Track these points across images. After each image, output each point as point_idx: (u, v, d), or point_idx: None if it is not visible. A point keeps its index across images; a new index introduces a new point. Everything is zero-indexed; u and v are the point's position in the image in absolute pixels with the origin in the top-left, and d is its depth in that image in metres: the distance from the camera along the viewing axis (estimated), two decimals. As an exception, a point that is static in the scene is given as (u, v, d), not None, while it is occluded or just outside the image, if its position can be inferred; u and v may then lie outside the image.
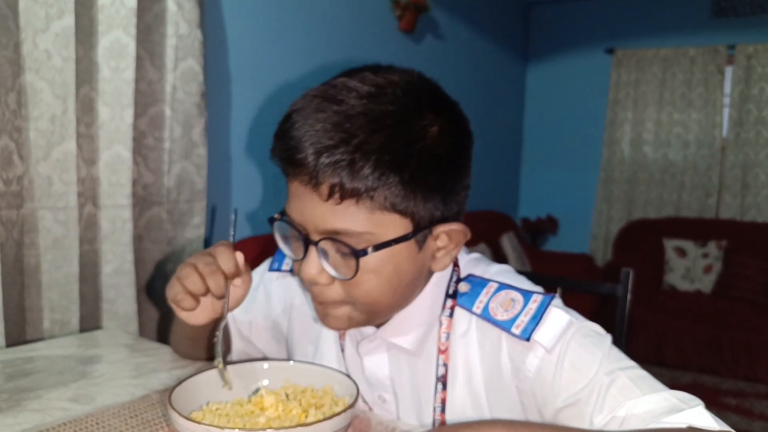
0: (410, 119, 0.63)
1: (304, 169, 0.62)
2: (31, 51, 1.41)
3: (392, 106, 0.63)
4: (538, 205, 4.60)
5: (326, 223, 0.64)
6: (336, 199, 0.62)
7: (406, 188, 0.63)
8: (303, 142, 0.62)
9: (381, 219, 0.64)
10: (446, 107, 0.69)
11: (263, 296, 0.92)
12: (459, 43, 3.62)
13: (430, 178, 0.65)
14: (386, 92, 0.64)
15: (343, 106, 0.62)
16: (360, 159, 0.60)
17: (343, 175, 0.61)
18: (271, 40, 2.29)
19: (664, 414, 0.60)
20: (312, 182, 0.62)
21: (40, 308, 1.50)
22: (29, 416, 0.72)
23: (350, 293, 0.67)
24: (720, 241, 3.73)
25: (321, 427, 0.56)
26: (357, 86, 0.64)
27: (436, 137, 0.65)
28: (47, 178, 1.47)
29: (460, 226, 0.70)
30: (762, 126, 3.92)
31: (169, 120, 1.74)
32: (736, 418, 2.82)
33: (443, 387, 0.73)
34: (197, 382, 0.68)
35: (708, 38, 4.02)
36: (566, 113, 4.54)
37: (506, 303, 0.71)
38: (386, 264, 0.66)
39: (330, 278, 0.67)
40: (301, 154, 0.62)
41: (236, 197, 2.20)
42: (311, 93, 0.65)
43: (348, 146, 0.60)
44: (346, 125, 0.61)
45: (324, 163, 0.61)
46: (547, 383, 0.67)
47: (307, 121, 0.62)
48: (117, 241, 1.64)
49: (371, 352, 0.78)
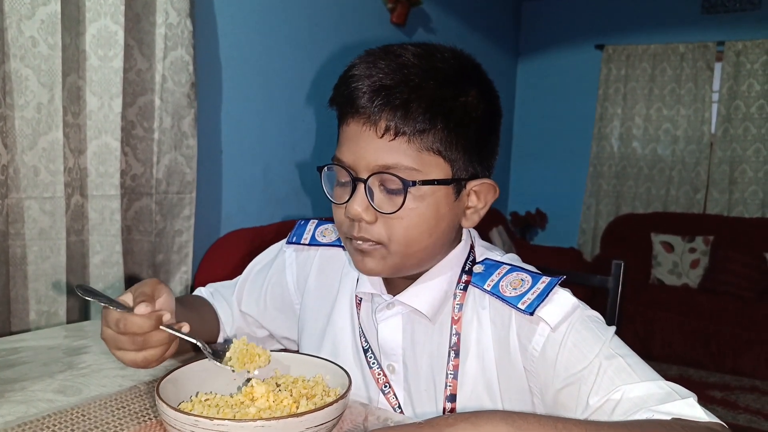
0: (457, 78, 0.71)
1: (363, 109, 0.68)
2: (16, 37, 1.39)
3: (441, 64, 0.71)
4: (527, 199, 4.61)
5: (378, 158, 0.69)
6: (390, 136, 0.68)
7: (450, 135, 0.70)
8: (364, 84, 0.68)
9: (427, 159, 0.69)
10: (484, 80, 0.76)
11: (276, 271, 0.94)
12: (450, 38, 3.61)
13: (470, 132, 0.71)
14: (436, 55, 0.71)
15: (400, 59, 0.70)
16: (414, 100, 0.67)
17: (398, 114, 0.67)
18: (262, 31, 2.27)
19: (657, 401, 0.62)
20: (369, 120, 0.68)
21: (26, 299, 1.48)
22: (13, 408, 0.71)
23: (392, 230, 0.71)
24: (707, 236, 3.77)
25: (312, 418, 0.56)
26: (411, 48, 0.72)
27: (476, 98, 0.72)
28: (33, 168, 1.45)
29: (490, 180, 0.76)
30: (750, 122, 3.95)
31: (158, 110, 1.72)
32: (721, 410, 2.85)
33: (456, 355, 0.76)
34: (186, 373, 0.68)
35: (697, 35, 4.04)
36: (556, 108, 4.55)
37: (516, 282, 0.74)
38: (427, 202, 0.70)
39: (374, 215, 0.71)
40: (362, 93, 0.68)
41: (226, 189, 2.18)
42: (370, 51, 0.73)
43: (405, 87, 0.68)
44: (404, 71, 0.68)
45: (382, 102, 0.67)
46: (549, 362, 0.69)
47: (368, 68, 0.69)
48: (105, 232, 1.62)
49: (387, 320, 0.80)
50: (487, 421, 0.52)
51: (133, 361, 0.70)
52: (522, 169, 4.74)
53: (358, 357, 0.83)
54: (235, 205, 2.23)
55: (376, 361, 0.81)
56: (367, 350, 0.82)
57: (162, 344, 0.70)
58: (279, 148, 2.42)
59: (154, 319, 0.69)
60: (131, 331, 0.68)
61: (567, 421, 0.55)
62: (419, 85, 0.68)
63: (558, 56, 4.53)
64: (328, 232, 0.92)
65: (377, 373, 0.80)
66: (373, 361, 0.81)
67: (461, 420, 0.52)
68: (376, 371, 0.80)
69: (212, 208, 2.14)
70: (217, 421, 0.54)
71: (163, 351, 0.71)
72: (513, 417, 0.53)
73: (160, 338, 0.69)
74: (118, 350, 0.70)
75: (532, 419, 0.54)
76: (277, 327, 0.96)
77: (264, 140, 2.35)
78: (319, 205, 2.59)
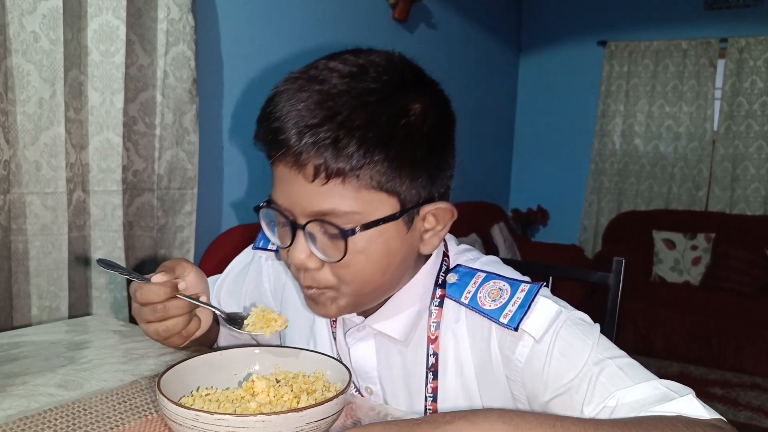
0: (393, 96, 0.63)
1: (287, 151, 0.61)
2: (18, 33, 1.39)
3: (375, 84, 0.62)
4: (528, 196, 4.61)
5: (312, 204, 0.63)
6: (322, 179, 0.61)
7: (392, 166, 0.62)
8: (285, 123, 0.61)
9: (368, 198, 0.63)
10: (428, 86, 0.68)
11: (253, 277, 0.91)
12: (452, 33, 3.61)
13: (416, 155, 0.64)
14: (368, 71, 0.63)
15: (325, 85, 0.62)
16: (344, 136, 0.59)
17: (327, 155, 0.60)
18: (264, 27, 2.27)
19: (654, 403, 0.60)
20: (297, 163, 0.61)
21: (28, 295, 1.48)
22: (15, 402, 0.71)
23: (340, 276, 0.66)
24: (709, 234, 3.76)
25: (313, 413, 0.56)
26: (338, 66, 0.63)
27: (419, 114, 0.64)
28: (35, 163, 1.45)
29: (446, 204, 0.69)
30: (753, 119, 3.94)
31: (160, 106, 1.72)
32: (722, 408, 2.85)
33: (434, 376, 0.73)
34: (187, 368, 0.68)
35: (700, 31, 4.03)
36: (558, 105, 4.54)
37: (494, 292, 0.70)
38: (375, 244, 0.65)
39: (319, 262, 0.66)
40: (284, 134, 0.61)
41: (227, 185, 2.19)
42: (292, 75, 0.65)
43: (331, 124, 0.59)
44: (329, 103, 0.60)
45: (308, 143, 0.60)
46: (536, 373, 0.67)
47: (289, 101, 0.62)
48: (107, 228, 1.63)
49: (359, 342, 0.77)
50: (485, 420, 0.51)
51: (156, 332, 0.71)
52: (523, 166, 4.73)
53: None
54: (237, 201, 2.24)
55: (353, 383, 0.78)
56: None
57: (182, 313, 0.71)
58: (280, 144, 2.42)
59: (170, 286, 0.70)
60: (149, 300, 0.70)
61: (565, 420, 0.54)
62: (348, 118, 0.59)
63: (560, 52, 4.51)
64: None
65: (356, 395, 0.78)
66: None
67: (459, 418, 0.51)
68: (355, 394, 0.79)
69: (214, 203, 2.14)
70: (218, 415, 0.54)
71: (185, 321, 0.71)
72: (510, 415, 0.52)
73: (178, 306, 0.70)
74: (144, 323, 0.72)
75: (530, 417, 0.52)
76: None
77: (265, 136, 2.34)
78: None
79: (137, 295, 0.70)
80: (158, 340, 0.73)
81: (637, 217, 4.14)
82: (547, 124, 4.58)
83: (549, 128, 4.58)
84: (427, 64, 0.71)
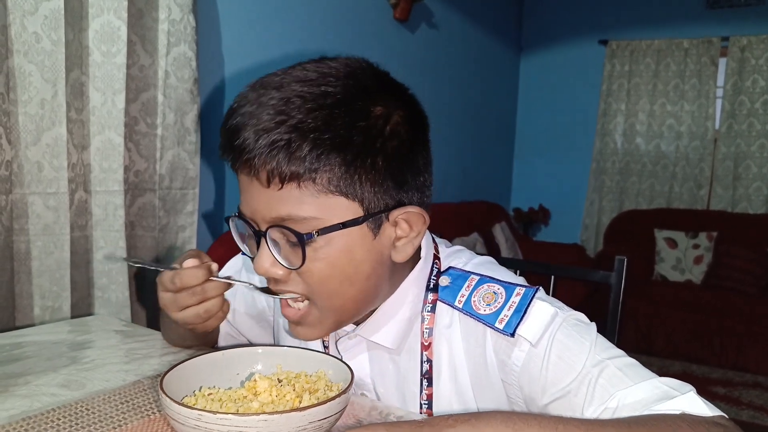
0: (352, 100, 0.62)
1: (244, 157, 0.61)
2: (20, 33, 1.39)
3: (332, 88, 0.62)
4: (530, 195, 4.61)
5: (271, 210, 0.62)
6: (276, 184, 0.61)
7: (349, 169, 0.61)
8: (241, 129, 0.61)
9: (327, 203, 0.62)
10: (394, 89, 0.67)
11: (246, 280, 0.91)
12: (453, 33, 3.60)
13: (377, 159, 0.62)
14: (327, 76, 0.63)
15: (283, 91, 0.61)
16: (297, 139, 0.59)
17: (280, 158, 0.59)
18: (265, 27, 2.27)
19: (656, 402, 0.60)
20: (253, 169, 0.61)
21: (30, 295, 1.49)
22: (17, 402, 0.72)
23: (308, 285, 0.66)
24: (711, 232, 3.76)
25: (315, 412, 0.56)
26: (297, 73, 0.63)
27: (381, 117, 0.63)
28: (37, 164, 1.45)
29: (416, 209, 0.66)
30: (754, 118, 3.93)
31: (161, 106, 1.72)
32: (724, 407, 2.85)
33: (429, 383, 0.72)
34: (189, 368, 0.68)
35: (702, 30, 4.03)
36: (559, 104, 4.54)
37: (488, 296, 0.69)
38: (337, 251, 0.64)
39: (285, 271, 0.65)
40: (240, 140, 0.61)
41: (229, 185, 2.19)
42: (254, 83, 0.65)
43: (284, 127, 0.59)
44: (283, 108, 0.60)
45: (261, 146, 0.59)
46: (534, 377, 0.66)
47: (247, 109, 0.62)
48: (109, 228, 1.63)
49: (350, 351, 0.77)
50: (487, 424, 0.50)
51: (197, 315, 0.71)
52: (525, 165, 4.73)
53: None
54: (238, 201, 2.24)
55: None
56: None
57: (219, 293, 0.71)
58: (282, 143, 2.42)
59: (205, 269, 0.70)
60: (188, 284, 0.70)
61: (568, 422, 0.53)
62: (302, 121, 0.59)
63: (561, 51, 4.51)
64: None
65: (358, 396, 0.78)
66: None
67: (461, 422, 0.50)
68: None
69: (215, 203, 2.14)
70: (221, 415, 0.54)
71: (221, 302, 0.72)
72: (513, 419, 0.51)
73: (215, 287, 0.71)
74: (180, 310, 0.72)
75: (532, 421, 0.52)
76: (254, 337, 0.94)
77: (267, 136, 2.34)
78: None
79: (175, 281, 0.70)
80: (197, 323, 0.73)
81: (638, 216, 4.14)
82: (549, 123, 4.58)
83: (550, 127, 4.58)
84: (428, 64, 0.71)
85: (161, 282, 0.73)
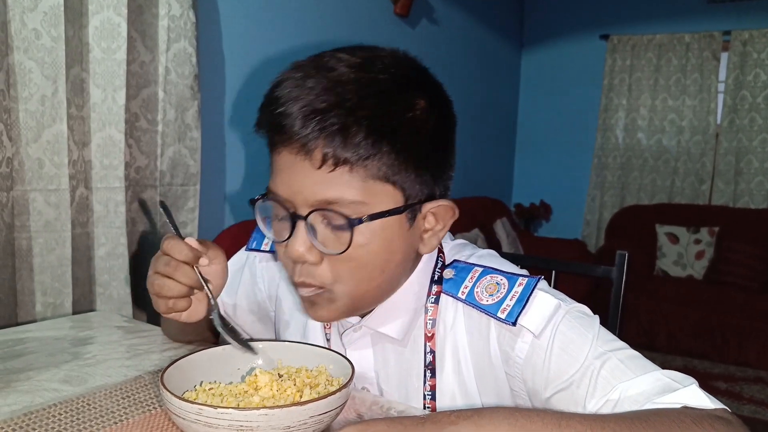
0: (400, 89, 0.63)
1: (294, 137, 0.60)
2: (20, 30, 1.39)
3: (382, 75, 0.62)
4: (531, 191, 4.60)
5: (317, 193, 0.61)
6: (329, 166, 0.60)
7: (398, 158, 0.62)
8: (292, 108, 0.60)
9: (374, 189, 0.62)
10: (433, 85, 0.69)
11: (248, 278, 0.91)
12: (454, 28, 3.60)
13: (421, 150, 0.64)
14: (375, 63, 0.63)
15: (333, 73, 0.61)
16: (353, 124, 0.59)
17: (336, 141, 0.59)
18: (265, 22, 2.27)
19: (658, 394, 0.60)
20: (303, 150, 0.61)
21: (31, 291, 1.49)
22: (19, 397, 0.72)
23: (338, 273, 0.65)
24: (712, 228, 3.75)
25: (316, 406, 0.56)
26: (346, 57, 0.63)
27: (424, 110, 0.64)
28: (38, 160, 1.45)
29: (448, 202, 0.69)
30: (756, 112, 3.92)
31: (162, 102, 1.72)
32: (726, 401, 2.85)
33: (432, 374, 0.72)
34: (190, 363, 0.68)
35: (703, 24, 4.01)
36: (560, 99, 4.53)
37: (491, 287, 0.69)
38: (378, 237, 0.64)
39: (319, 257, 0.64)
40: (291, 120, 0.60)
41: (230, 181, 2.19)
42: (299, 63, 0.64)
43: (340, 110, 0.59)
44: (337, 90, 0.60)
45: (316, 129, 0.59)
46: (537, 368, 0.66)
47: (295, 87, 0.61)
48: (110, 224, 1.63)
49: (355, 343, 0.77)
50: (490, 421, 0.50)
51: (152, 284, 0.69)
52: (526, 161, 4.73)
53: None
54: (239, 197, 2.24)
55: None
56: None
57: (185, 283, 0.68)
58: (282, 140, 2.42)
59: (193, 253, 0.68)
60: (169, 251, 0.67)
61: (571, 418, 0.53)
62: (357, 105, 0.59)
63: (562, 47, 4.50)
64: None
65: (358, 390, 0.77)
66: None
67: (463, 419, 0.50)
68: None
69: (216, 200, 2.14)
70: (221, 409, 0.54)
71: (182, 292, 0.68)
72: (516, 416, 0.51)
73: (186, 273, 0.67)
74: (152, 272, 0.69)
75: (535, 417, 0.52)
76: (256, 333, 0.93)
77: (267, 132, 2.34)
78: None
79: (164, 244, 0.68)
80: (151, 293, 0.70)
81: (640, 211, 4.13)
82: (550, 118, 4.57)
83: (551, 123, 4.57)
84: (429, 60, 0.71)
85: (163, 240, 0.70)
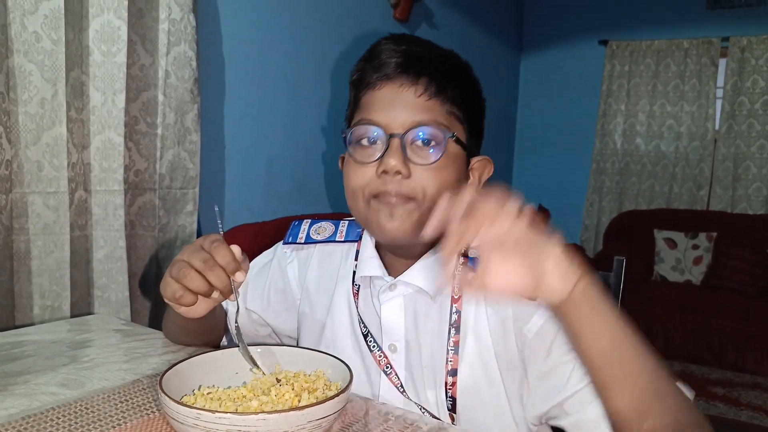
0: (463, 62, 0.82)
1: (401, 73, 0.75)
2: (20, 33, 1.39)
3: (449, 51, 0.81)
4: (529, 195, 4.57)
5: (415, 116, 0.74)
6: (427, 96, 0.74)
7: (469, 104, 0.79)
8: (398, 53, 0.76)
9: (453, 120, 0.77)
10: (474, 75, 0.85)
11: (277, 268, 0.95)
12: (453, 33, 3.60)
13: (477, 108, 0.81)
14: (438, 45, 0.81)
15: (421, 39, 0.80)
16: (448, 68, 0.77)
17: (435, 77, 0.75)
18: (265, 26, 2.27)
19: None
20: (409, 81, 0.75)
21: (30, 294, 1.49)
22: (17, 401, 0.72)
23: (425, 183, 0.74)
24: (710, 233, 3.76)
25: (314, 411, 0.56)
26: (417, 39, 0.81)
27: (477, 81, 0.82)
28: (37, 163, 1.45)
29: (486, 157, 0.83)
30: (754, 118, 3.93)
31: (161, 106, 1.72)
32: (723, 407, 2.85)
33: (456, 331, 0.78)
34: (189, 367, 0.68)
35: (702, 30, 4.03)
36: (559, 104, 4.54)
37: None
38: (454, 162, 0.76)
39: (408, 169, 0.74)
40: (398, 61, 0.75)
41: (229, 184, 2.19)
42: (391, 35, 0.80)
43: (437, 57, 0.77)
44: (431, 45, 0.79)
45: (420, 66, 0.75)
46: (545, 341, 0.71)
47: (396, 44, 0.77)
48: (109, 227, 1.63)
49: (389, 301, 0.82)
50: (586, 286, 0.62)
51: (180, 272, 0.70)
52: (525, 165, 4.73)
53: (357, 344, 0.85)
54: (238, 201, 2.24)
55: (376, 344, 0.82)
56: (366, 335, 0.83)
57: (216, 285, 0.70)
58: (282, 143, 2.42)
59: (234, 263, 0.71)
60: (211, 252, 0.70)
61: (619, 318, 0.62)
62: (447, 56, 0.79)
63: (561, 52, 4.51)
64: (323, 230, 0.93)
65: (378, 355, 0.82)
66: (373, 344, 0.82)
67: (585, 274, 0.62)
68: (377, 354, 0.82)
69: (215, 203, 2.14)
70: (219, 414, 0.54)
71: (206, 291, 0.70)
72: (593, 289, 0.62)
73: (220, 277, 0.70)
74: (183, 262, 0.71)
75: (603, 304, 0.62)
76: (281, 323, 0.96)
77: (267, 136, 2.35)
78: (321, 201, 2.59)
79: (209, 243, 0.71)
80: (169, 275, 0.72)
81: (638, 216, 4.13)
82: (549, 123, 4.58)
83: (550, 128, 4.58)
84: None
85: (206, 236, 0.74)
